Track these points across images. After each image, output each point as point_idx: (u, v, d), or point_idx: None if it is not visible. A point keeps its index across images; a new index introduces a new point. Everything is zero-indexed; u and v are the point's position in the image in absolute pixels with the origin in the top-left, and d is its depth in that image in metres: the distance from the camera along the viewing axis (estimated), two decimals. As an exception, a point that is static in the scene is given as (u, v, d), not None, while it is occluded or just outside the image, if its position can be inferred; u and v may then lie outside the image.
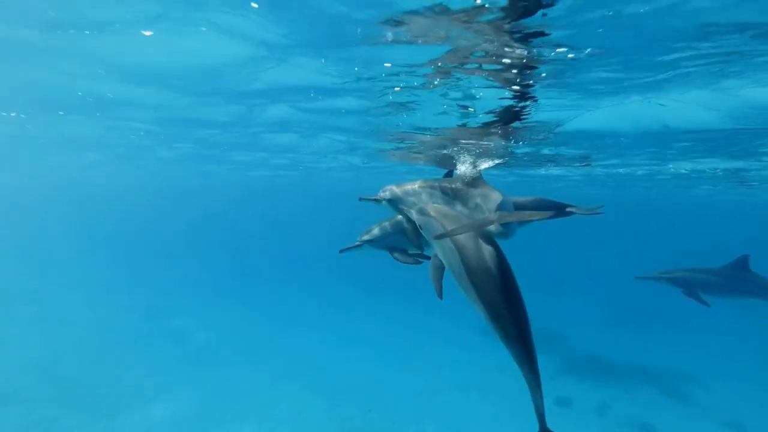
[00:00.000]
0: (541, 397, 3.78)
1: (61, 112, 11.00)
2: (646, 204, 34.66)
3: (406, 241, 5.44)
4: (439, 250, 4.21)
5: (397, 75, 5.45)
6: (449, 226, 4.02)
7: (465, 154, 9.70)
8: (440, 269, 4.27)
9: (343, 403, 12.23)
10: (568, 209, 5.17)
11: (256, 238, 52.26)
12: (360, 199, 5.28)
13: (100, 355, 14.17)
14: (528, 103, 6.15)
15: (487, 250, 3.88)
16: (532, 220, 4.92)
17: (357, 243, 5.69)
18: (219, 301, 22.17)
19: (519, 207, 5.22)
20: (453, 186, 4.70)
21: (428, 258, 5.41)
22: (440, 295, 4.27)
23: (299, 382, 13.36)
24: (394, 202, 5.07)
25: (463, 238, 3.93)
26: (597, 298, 26.76)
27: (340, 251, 5.77)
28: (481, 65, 4.75)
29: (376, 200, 5.20)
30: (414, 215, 4.62)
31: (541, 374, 3.75)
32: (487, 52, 4.36)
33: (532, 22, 3.63)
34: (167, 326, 17.66)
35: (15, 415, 10.23)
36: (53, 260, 30.16)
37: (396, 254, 5.42)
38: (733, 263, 8.36)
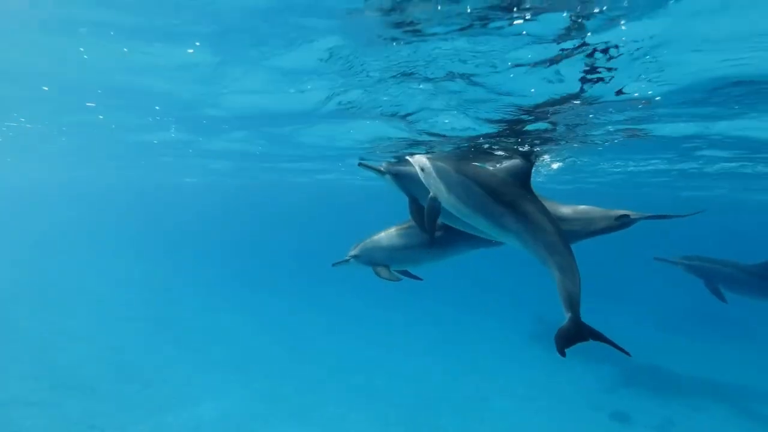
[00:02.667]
0: (579, 285, 3.99)
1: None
2: (711, 202, 32.04)
3: (392, 257, 5.45)
4: (454, 190, 4.61)
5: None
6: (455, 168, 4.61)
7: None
8: (436, 211, 4.78)
9: (389, 407, 12.01)
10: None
11: (305, 238, 53.15)
12: (360, 164, 5.39)
13: (154, 350, 14.70)
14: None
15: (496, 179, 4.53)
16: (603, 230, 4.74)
17: (346, 258, 5.69)
18: (265, 300, 22.61)
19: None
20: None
21: (416, 278, 5.70)
22: (432, 238, 4.91)
23: (345, 383, 13.26)
24: (402, 177, 5.15)
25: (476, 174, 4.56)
26: (656, 302, 24.99)
27: (333, 265, 5.80)
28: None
29: (379, 171, 5.32)
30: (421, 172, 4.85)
31: (594, 386, 3.53)
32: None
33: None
34: (215, 323, 18.15)
35: (75, 408, 10.71)
36: (108, 256, 31.97)
37: (379, 269, 5.40)
38: (766, 262, 7.71)
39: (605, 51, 4.50)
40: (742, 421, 12.45)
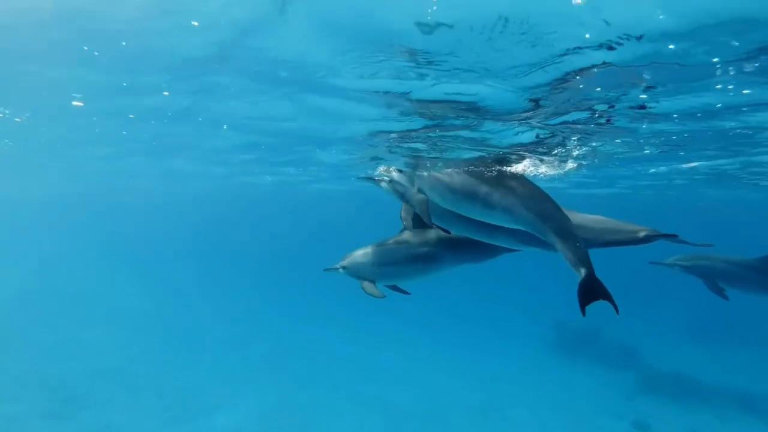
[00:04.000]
0: (582, 243, 4.00)
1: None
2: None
3: (379, 272, 5.45)
4: (438, 180, 4.86)
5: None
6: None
7: None
8: (424, 202, 4.94)
9: (404, 417, 11.81)
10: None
11: (320, 246, 53.23)
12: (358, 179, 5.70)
13: (168, 360, 14.70)
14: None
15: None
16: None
17: (336, 266, 5.70)
18: (278, 310, 22.57)
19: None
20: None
21: (404, 291, 5.74)
22: (431, 222, 4.95)
23: (359, 393, 13.09)
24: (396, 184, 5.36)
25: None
26: (678, 308, 24.34)
27: (324, 270, 5.81)
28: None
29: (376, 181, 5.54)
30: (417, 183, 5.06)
31: (615, 393, 3.38)
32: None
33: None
34: (228, 333, 18.13)
35: (89, 419, 10.71)
36: (123, 266, 32.30)
37: (365, 284, 5.40)
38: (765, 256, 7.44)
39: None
40: (773, 432, 11.99)
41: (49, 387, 12.01)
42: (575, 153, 7.96)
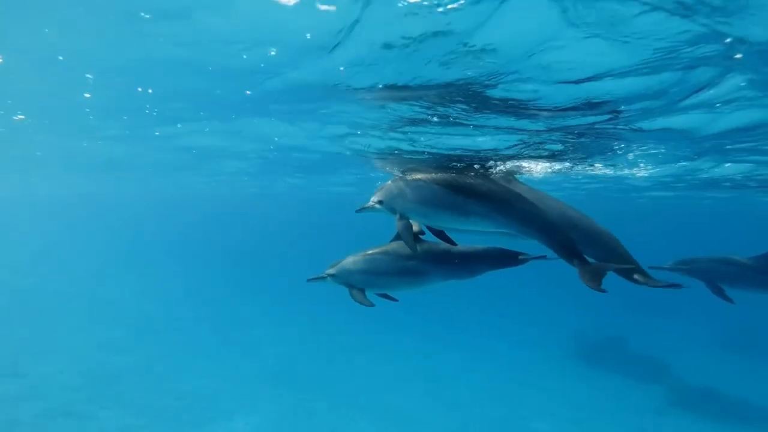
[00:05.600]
0: (567, 235, 4.17)
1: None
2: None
3: (368, 281, 5.44)
4: (414, 198, 4.91)
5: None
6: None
7: None
8: (408, 226, 4.97)
9: (423, 428, 11.56)
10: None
11: (340, 255, 53.34)
12: (357, 211, 5.51)
13: (186, 364, 14.80)
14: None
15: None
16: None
17: (322, 275, 5.64)
18: (297, 315, 22.57)
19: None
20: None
21: (392, 298, 5.70)
22: (415, 249, 4.96)
23: (379, 404, 12.87)
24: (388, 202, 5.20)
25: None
26: (709, 319, 23.33)
27: (308, 280, 5.73)
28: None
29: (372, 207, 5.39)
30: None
31: (642, 407, 3.19)
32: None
33: None
34: (247, 337, 18.19)
35: (109, 420, 10.81)
36: (147, 269, 32.91)
37: (354, 292, 5.38)
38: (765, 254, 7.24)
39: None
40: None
41: (72, 386, 12.21)
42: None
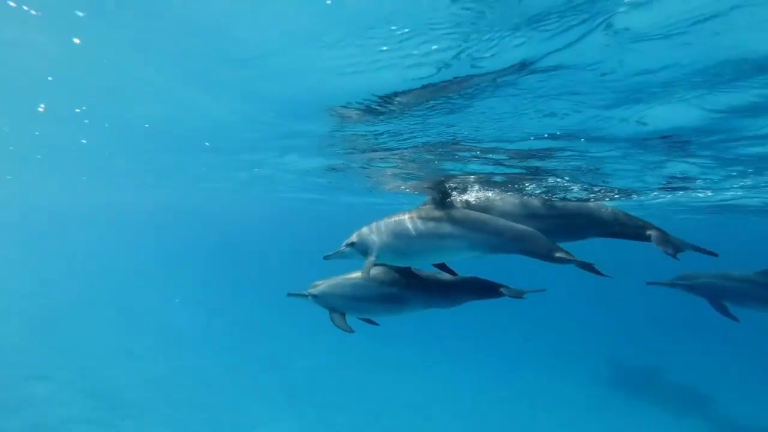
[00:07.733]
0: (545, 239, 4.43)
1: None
2: None
3: (349, 306, 5.36)
4: (386, 243, 4.83)
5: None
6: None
7: None
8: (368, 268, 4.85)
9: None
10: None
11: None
12: (325, 258, 5.29)
13: (210, 375, 14.79)
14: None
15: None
16: None
17: (304, 293, 5.54)
18: (323, 329, 22.36)
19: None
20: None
21: (373, 323, 5.62)
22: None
23: (402, 424, 12.55)
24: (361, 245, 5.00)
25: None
26: (754, 347, 21.91)
27: (288, 294, 5.66)
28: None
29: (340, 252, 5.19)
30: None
31: None
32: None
33: None
34: (269, 351, 18.11)
35: (132, 428, 10.84)
36: (174, 280, 33.47)
37: (334, 316, 5.28)
38: None
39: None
40: None
41: (97, 394, 12.31)
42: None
